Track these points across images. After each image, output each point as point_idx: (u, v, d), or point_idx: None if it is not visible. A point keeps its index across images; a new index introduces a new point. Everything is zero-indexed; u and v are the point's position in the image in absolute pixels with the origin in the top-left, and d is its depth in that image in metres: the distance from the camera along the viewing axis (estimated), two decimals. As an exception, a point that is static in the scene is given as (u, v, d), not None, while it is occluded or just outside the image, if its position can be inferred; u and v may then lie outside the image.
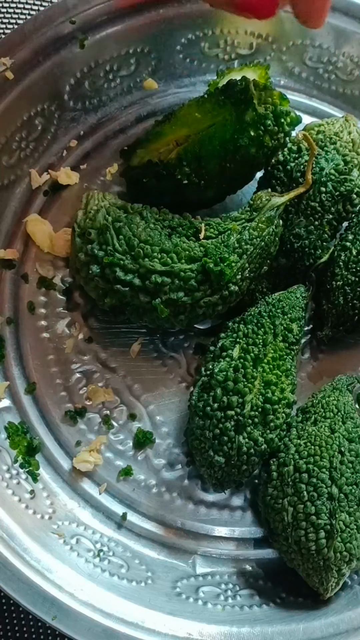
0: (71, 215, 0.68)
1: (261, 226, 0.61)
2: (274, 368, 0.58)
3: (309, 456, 0.56)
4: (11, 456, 0.61)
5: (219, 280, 0.59)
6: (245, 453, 0.57)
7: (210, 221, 0.62)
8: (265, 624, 0.56)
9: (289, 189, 0.63)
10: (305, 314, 0.63)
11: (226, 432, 0.56)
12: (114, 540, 0.60)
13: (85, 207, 0.63)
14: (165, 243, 0.59)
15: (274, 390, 0.57)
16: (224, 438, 0.56)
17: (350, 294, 0.63)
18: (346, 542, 0.54)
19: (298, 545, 0.55)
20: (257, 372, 0.58)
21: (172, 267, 0.58)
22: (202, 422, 0.57)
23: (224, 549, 0.61)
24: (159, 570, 0.59)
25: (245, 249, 0.60)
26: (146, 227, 0.60)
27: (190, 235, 0.61)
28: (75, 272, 0.63)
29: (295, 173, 0.63)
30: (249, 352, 0.58)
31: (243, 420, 0.56)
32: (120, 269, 0.59)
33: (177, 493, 0.63)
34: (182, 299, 0.59)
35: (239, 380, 0.57)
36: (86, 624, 0.53)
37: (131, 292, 0.59)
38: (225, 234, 0.60)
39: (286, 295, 0.62)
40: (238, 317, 0.62)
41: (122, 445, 0.64)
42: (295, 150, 0.64)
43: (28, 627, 0.61)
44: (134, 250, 0.59)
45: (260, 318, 0.60)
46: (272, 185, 0.65)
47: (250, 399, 0.56)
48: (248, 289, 0.63)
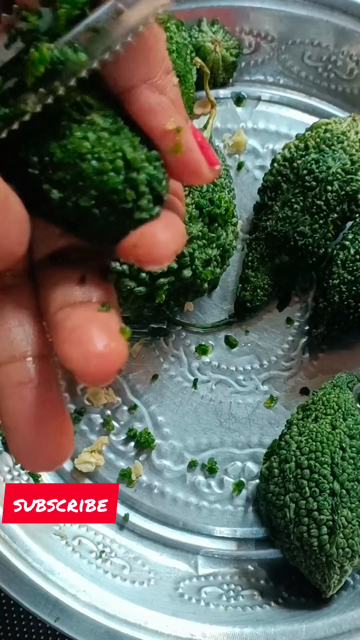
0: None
1: None
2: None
3: (311, 452, 0.56)
4: (12, 457, 0.60)
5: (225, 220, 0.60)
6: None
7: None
8: (268, 624, 0.56)
9: (295, 185, 0.63)
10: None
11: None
12: (116, 541, 0.60)
13: None
14: None
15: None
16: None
17: (346, 292, 0.63)
18: (348, 538, 0.54)
19: (300, 541, 0.55)
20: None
21: (189, 233, 0.58)
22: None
23: (226, 549, 0.61)
24: (161, 571, 0.59)
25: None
26: None
27: None
28: None
29: (302, 171, 0.63)
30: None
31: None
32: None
33: (178, 494, 0.62)
34: (213, 251, 0.60)
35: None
36: (89, 626, 0.53)
37: (169, 280, 0.59)
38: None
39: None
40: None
41: (124, 446, 0.64)
42: (302, 148, 0.64)
43: (28, 627, 0.61)
44: None
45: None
46: (278, 182, 0.65)
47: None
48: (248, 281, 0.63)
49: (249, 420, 0.65)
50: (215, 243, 0.61)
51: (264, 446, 0.63)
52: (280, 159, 0.65)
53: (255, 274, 0.66)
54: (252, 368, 0.66)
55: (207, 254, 0.60)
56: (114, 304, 0.28)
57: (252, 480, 0.63)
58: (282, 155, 0.65)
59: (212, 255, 0.60)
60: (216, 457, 0.63)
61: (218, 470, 0.63)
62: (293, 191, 0.63)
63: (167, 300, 0.61)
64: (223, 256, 0.63)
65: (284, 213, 0.64)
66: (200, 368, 0.66)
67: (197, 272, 0.59)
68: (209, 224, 0.60)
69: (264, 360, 0.66)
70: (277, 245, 0.64)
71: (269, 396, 0.65)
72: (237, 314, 0.67)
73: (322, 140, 0.63)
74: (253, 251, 0.66)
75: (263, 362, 0.66)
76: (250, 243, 0.67)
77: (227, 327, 0.67)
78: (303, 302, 0.68)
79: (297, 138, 0.65)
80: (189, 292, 0.62)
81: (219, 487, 0.63)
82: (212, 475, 0.63)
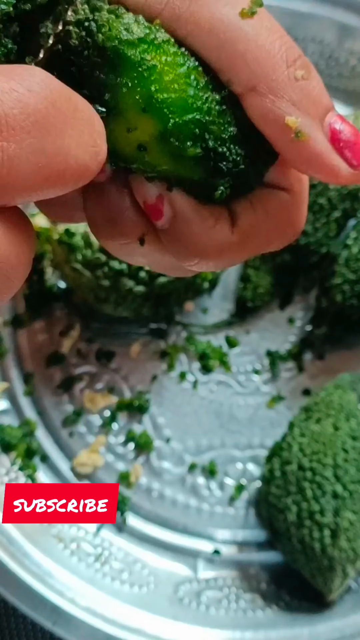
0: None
1: None
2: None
3: (313, 454, 0.56)
4: (10, 459, 0.60)
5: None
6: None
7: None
8: (269, 628, 0.56)
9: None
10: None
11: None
12: (114, 544, 0.60)
13: (66, 245, 0.60)
14: None
15: None
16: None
17: (349, 292, 0.63)
18: (351, 540, 0.54)
19: (302, 544, 0.55)
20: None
21: None
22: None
23: (227, 552, 0.61)
24: (161, 575, 0.59)
25: None
26: None
27: None
28: (103, 302, 0.61)
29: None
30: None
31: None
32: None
33: (178, 496, 0.62)
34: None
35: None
36: (88, 630, 0.53)
37: (168, 279, 0.58)
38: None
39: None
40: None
41: (123, 447, 0.63)
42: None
43: (27, 631, 0.61)
44: None
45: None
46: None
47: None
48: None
49: (250, 422, 0.64)
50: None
51: (265, 448, 0.63)
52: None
53: (256, 273, 0.65)
54: (253, 368, 0.66)
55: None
56: None
57: (253, 483, 0.63)
58: None
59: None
60: (217, 459, 0.63)
61: (218, 472, 0.63)
62: (295, 189, 0.63)
63: (167, 299, 0.61)
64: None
65: (285, 212, 0.63)
66: (201, 368, 0.65)
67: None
68: None
69: (265, 360, 0.66)
70: (279, 244, 0.64)
71: (270, 397, 0.65)
72: (238, 314, 0.67)
73: None
74: (254, 250, 0.66)
75: (264, 362, 0.66)
76: (251, 242, 0.67)
77: (228, 327, 0.67)
78: (305, 301, 0.68)
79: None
80: (189, 291, 0.61)
81: (219, 490, 0.62)
82: (212, 477, 0.63)
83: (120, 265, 0.57)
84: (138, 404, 0.63)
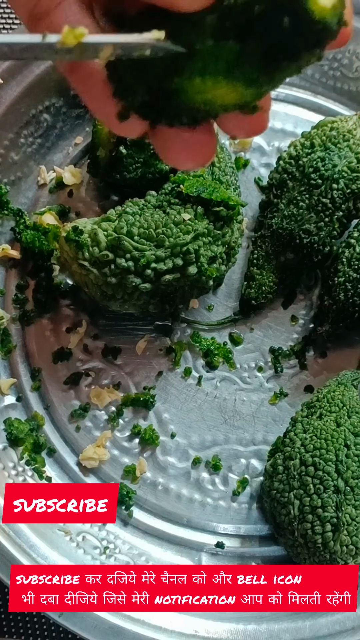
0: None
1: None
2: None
3: (315, 449, 0.56)
4: (17, 453, 0.61)
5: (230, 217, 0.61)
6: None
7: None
8: (272, 621, 0.56)
9: (300, 183, 0.63)
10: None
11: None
12: (120, 537, 0.60)
13: (73, 242, 0.60)
14: (169, 217, 0.59)
15: None
16: None
17: (351, 290, 0.63)
18: (352, 535, 0.54)
19: (304, 538, 0.55)
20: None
21: (195, 230, 0.58)
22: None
23: (230, 546, 0.61)
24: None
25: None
26: (143, 216, 0.60)
27: (176, 202, 0.61)
28: (109, 299, 0.61)
29: (308, 168, 0.63)
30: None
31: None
32: (155, 262, 0.58)
33: (183, 490, 0.63)
34: (219, 248, 0.60)
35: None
36: (92, 621, 0.53)
37: (174, 277, 0.59)
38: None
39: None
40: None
41: (128, 442, 0.64)
42: (308, 146, 0.64)
43: (32, 623, 0.61)
44: (156, 239, 0.59)
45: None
46: (284, 180, 0.65)
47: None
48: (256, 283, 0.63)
49: (253, 418, 0.65)
50: (220, 240, 0.61)
51: (268, 443, 0.64)
52: (286, 157, 0.65)
53: (260, 271, 0.66)
54: (257, 365, 0.66)
55: (212, 251, 0.60)
56: None
57: (256, 478, 0.63)
58: (287, 153, 0.65)
59: (218, 252, 0.61)
60: (220, 454, 0.64)
61: (222, 467, 0.63)
62: (299, 189, 0.64)
63: (173, 297, 0.61)
64: (228, 253, 0.63)
65: (289, 211, 0.64)
66: (205, 365, 0.66)
67: (203, 269, 0.59)
68: (214, 222, 0.60)
69: (268, 357, 0.66)
70: (283, 243, 0.64)
71: (273, 393, 0.65)
72: (242, 312, 0.67)
73: (328, 138, 0.63)
74: (258, 249, 0.66)
75: (268, 359, 0.66)
76: (255, 241, 0.67)
77: (232, 325, 0.67)
78: (308, 299, 0.68)
79: (302, 136, 0.66)
80: (194, 289, 0.62)
81: (223, 484, 0.63)
82: (216, 472, 0.63)
83: (126, 263, 0.58)
84: (143, 399, 0.64)
